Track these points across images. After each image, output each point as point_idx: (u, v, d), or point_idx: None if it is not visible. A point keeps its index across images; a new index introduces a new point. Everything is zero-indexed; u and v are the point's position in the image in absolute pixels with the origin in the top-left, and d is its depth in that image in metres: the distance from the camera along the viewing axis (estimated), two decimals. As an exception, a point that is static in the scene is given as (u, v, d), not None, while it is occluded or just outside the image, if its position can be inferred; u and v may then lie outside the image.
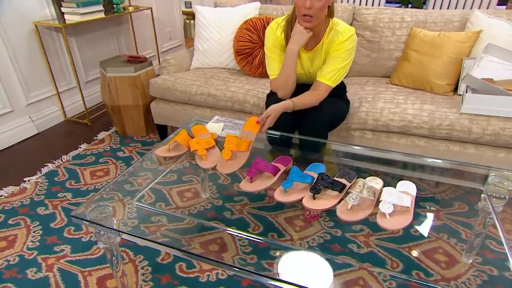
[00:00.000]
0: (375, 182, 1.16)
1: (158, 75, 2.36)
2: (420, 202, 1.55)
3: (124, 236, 1.07)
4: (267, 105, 1.63)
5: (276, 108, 1.35)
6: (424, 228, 1.47)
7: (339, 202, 1.08)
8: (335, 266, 1.35)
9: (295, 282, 0.84)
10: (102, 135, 2.41)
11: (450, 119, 1.58)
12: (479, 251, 1.42)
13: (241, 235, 1.45)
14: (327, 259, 1.01)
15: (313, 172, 1.22)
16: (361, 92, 1.89)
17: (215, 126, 1.54)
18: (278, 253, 1.22)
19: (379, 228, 1.00)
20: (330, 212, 1.32)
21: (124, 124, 2.31)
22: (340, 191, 1.10)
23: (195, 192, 1.79)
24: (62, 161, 2.12)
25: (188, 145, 1.34)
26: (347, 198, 1.06)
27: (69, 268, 1.40)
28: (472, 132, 1.54)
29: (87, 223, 1.07)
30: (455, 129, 1.57)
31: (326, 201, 1.08)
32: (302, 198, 1.10)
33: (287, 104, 1.38)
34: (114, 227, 1.07)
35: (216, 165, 1.24)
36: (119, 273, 1.21)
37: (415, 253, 1.43)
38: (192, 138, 1.39)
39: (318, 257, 1.05)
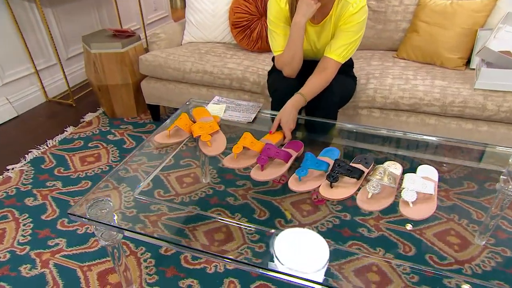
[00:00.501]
0: (394, 168, 1.12)
1: (146, 49, 2.23)
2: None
3: (127, 233, 1.01)
4: (270, 84, 1.55)
5: (287, 111, 1.27)
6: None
7: (358, 190, 1.04)
8: (347, 253, 1.34)
9: (294, 274, 0.82)
10: (89, 117, 2.30)
11: (463, 96, 1.54)
12: (491, 232, 1.42)
13: (245, 227, 1.41)
14: (336, 249, 0.98)
15: (327, 158, 1.17)
16: (367, 68, 1.82)
17: (216, 108, 1.46)
18: (273, 231, 1.20)
19: (389, 211, 0.97)
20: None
21: (113, 104, 2.20)
22: (358, 178, 1.06)
23: (194, 177, 1.73)
24: (47, 146, 2.02)
25: (190, 130, 1.26)
26: (367, 186, 1.01)
27: (66, 263, 1.35)
28: (486, 109, 1.51)
29: (87, 221, 1.00)
30: (468, 106, 1.53)
31: (344, 189, 1.04)
32: (318, 186, 1.06)
33: (298, 102, 1.30)
34: (116, 224, 1.00)
35: (223, 156, 1.18)
36: (121, 267, 1.17)
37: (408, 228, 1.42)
38: (194, 122, 1.31)
39: (314, 234, 1.01)
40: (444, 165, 1.30)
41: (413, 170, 1.14)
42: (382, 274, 1.26)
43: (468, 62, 1.77)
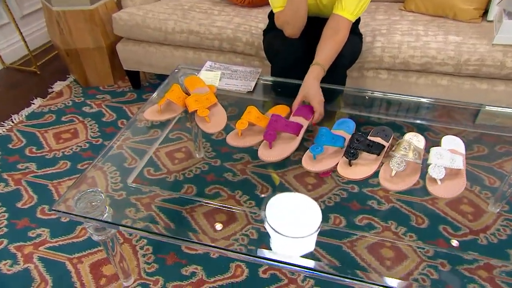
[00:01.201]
0: (417, 140, 1.06)
1: (119, 4, 2.02)
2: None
3: (123, 228, 0.94)
4: (268, 47, 1.43)
5: (311, 84, 1.14)
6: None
7: (379, 167, 0.99)
8: (358, 229, 1.32)
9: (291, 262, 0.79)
10: (58, 86, 2.12)
11: (480, 53, 1.47)
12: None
13: (248, 212, 1.35)
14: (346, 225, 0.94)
15: (342, 131, 1.10)
16: (372, 23, 1.71)
17: (210, 75, 1.34)
18: (263, 195, 1.16)
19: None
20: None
21: (86, 71, 2.03)
22: (378, 154, 1.00)
23: (187, 152, 1.64)
24: (13, 122, 1.86)
25: (184, 104, 1.16)
26: (390, 163, 0.96)
27: (53, 256, 1.27)
28: (505, 67, 1.45)
29: (75, 217, 0.91)
30: (485, 64, 1.47)
31: (364, 167, 0.99)
32: (336, 165, 1.00)
33: (318, 74, 1.17)
34: (110, 218, 0.92)
35: (223, 133, 1.09)
36: (116, 257, 1.10)
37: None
38: (187, 94, 1.20)
39: (306, 198, 0.99)
40: (452, 127, 1.26)
41: (435, 142, 1.09)
42: (396, 249, 1.25)
43: (485, 13, 1.68)
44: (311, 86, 1.14)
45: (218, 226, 1.27)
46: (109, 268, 1.24)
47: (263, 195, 1.43)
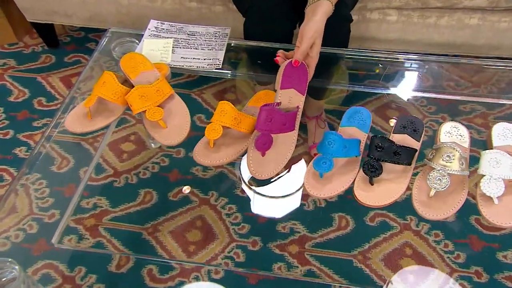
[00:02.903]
0: (459, 135, 0.88)
1: None
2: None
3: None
4: None
5: (318, 25, 0.87)
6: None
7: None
8: (372, 232, 1.19)
9: None
10: None
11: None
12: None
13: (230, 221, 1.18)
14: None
15: (355, 128, 0.89)
16: None
17: (157, 45, 1.06)
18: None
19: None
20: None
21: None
22: (409, 163, 0.82)
23: (137, 141, 1.40)
24: None
25: (125, 102, 0.90)
26: (428, 180, 0.78)
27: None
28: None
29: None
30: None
31: (391, 184, 0.82)
32: (350, 183, 0.82)
33: (326, 7, 0.89)
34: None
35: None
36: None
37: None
38: (127, 84, 0.94)
39: None
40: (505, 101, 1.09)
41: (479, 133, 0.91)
42: (419, 257, 1.14)
43: None
44: (320, 26, 0.87)
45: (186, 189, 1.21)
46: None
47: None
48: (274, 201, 0.96)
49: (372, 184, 0.81)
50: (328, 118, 1.38)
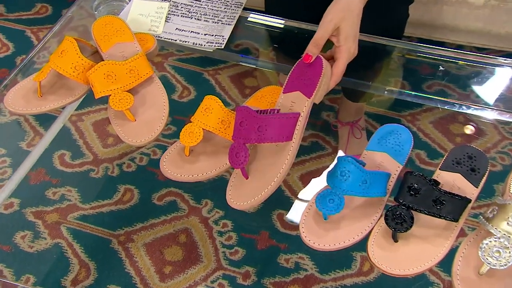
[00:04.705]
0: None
1: None
2: None
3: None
4: None
5: (349, 9, 0.74)
6: None
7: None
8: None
9: None
10: None
11: None
12: None
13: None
14: None
15: (386, 154, 0.74)
16: None
17: (149, 9, 0.95)
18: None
19: None
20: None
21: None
22: (457, 219, 0.65)
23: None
24: None
25: (87, 82, 0.79)
26: (481, 250, 0.61)
27: None
28: None
29: None
30: None
31: (423, 246, 0.66)
32: (365, 235, 0.68)
33: None
34: None
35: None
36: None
37: None
38: (97, 55, 0.84)
39: None
40: None
41: None
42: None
43: None
44: (347, 5, 0.73)
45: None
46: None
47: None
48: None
49: (395, 241, 0.67)
50: (368, 125, 1.21)
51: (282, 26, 0.96)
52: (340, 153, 1.20)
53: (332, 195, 0.66)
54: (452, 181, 0.70)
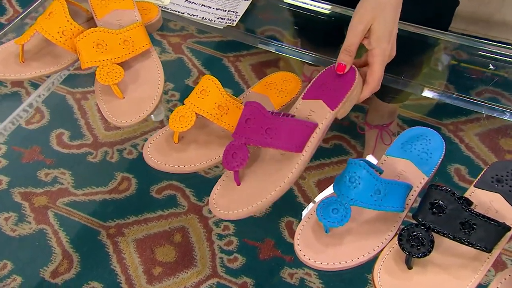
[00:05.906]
0: None
1: None
2: None
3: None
4: None
5: (382, 8, 0.67)
6: None
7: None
8: None
9: None
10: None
11: None
12: None
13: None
14: None
15: (409, 163, 0.66)
16: None
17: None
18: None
19: None
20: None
21: None
22: (489, 250, 0.56)
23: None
24: None
25: (75, 49, 0.74)
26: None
27: None
28: None
29: None
30: None
31: (444, 277, 0.57)
32: (375, 256, 0.60)
33: None
34: None
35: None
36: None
37: None
38: (91, 22, 0.80)
39: None
40: None
41: None
42: None
43: None
44: (382, 8, 0.67)
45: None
46: None
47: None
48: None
49: (409, 268, 0.58)
50: (401, 131, 1.12)
51: (307, 6, 0.88)
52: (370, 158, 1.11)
53: (337, 204, 0.58)
54: (489, 202, 0.61)
